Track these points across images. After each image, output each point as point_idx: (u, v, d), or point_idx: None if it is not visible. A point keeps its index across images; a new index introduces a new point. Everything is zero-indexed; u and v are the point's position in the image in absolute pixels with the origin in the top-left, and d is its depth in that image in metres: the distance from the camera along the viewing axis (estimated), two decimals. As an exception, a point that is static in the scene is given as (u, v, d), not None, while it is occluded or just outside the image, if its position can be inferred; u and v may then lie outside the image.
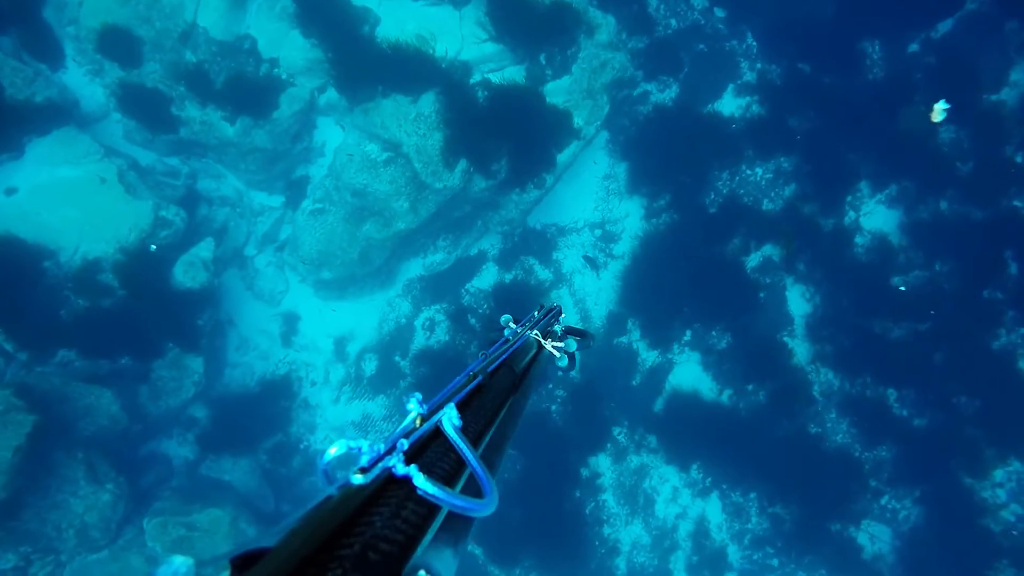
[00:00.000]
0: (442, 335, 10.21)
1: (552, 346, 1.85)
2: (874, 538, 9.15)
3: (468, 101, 8.96)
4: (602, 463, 9.75)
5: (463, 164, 8.89)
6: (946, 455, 8.90)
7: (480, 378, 1.28)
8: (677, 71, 10.48)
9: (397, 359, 10.26)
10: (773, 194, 10.11)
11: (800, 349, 9.78)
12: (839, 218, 9.82)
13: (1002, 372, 8.92)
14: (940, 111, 7.83)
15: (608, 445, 9.67)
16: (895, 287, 9.10)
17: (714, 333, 9.90)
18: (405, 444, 0.88)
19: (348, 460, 0.84)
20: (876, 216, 9.80)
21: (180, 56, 8.87)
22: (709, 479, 9.91)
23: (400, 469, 0.82)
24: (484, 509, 0.85)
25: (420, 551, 0.78)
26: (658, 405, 9.81)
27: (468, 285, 10.50)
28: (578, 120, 9.16)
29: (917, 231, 9.47)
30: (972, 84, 9.28)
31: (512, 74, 9.30)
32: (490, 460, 1.13)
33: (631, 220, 10.48)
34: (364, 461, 0.82)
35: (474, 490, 0.91)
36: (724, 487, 9.93)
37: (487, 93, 9.02)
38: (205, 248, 9.15)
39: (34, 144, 8.31)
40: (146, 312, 8.77)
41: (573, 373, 9.96)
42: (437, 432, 1.00)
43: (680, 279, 9.87)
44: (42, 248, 8.26)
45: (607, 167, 10.63)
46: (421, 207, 9.17)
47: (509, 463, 9.60)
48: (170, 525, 8.08)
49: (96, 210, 8.48)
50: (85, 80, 8.97)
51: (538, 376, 1.69)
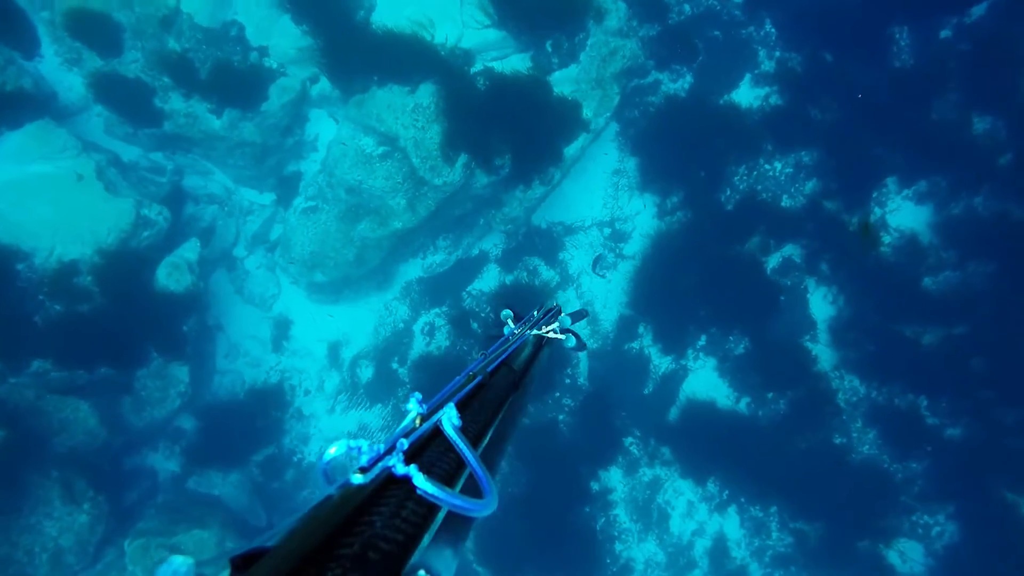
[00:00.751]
0: (442, 340, 9.64)
1: (550, 332, 1.91)
2: (905, 556, 8.56)
3: (469, 91, 8.39)
4: (613, 476, 9.17)
5: (464, 159, 8.32)
6: (984, 468, 8.30)
7: (480, 378, 1.27)
8: (691, 60, 9.88)
9: (395, 366, 9.70)
10: (793, 190, 9.52)
11: (823, 354, 9.19)
12: (865, 215, 9.22)
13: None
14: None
15: (619, 457, 9.09)
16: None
17: (731, 338, 9.32)
18: (405, 444, 0.87)
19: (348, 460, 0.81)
20: (904, 213, 9.19)
21: (163, 44, 8.31)
22: (727, 492, 9.34)
23: (400, 469, 0.81)
24: (484, 509, 0.84)
25: (420, 551, 0.76)
26: (672, 414, 9.23)
27: (470, 287, 9.94)
28: (586, 111, 8.58)
29: (949, 229, 8.86)
30: (1010, 72, 8.67)
31: (516, 63, 8.71)
32: (490, 460, 1.11)
33: (642, 218, 9.89)
34: (364, 461, 0.81)
35: (474, 490, 0.90)
36: (742, 500, 9.37)
37: (489, 83, 8.44)
38: (190, 249, 8.60)
39: (5, 138, 7.75)
40: (127, 318, 8.22)
41: (583, 354, 9.42)
42: (437, 432, 0.99)
43: (695, 280, 9.29)
44: (14, 250, 7.70)
45: (616, 161, 10.04)
46: (419, 205, 8.60)
47: (514, 476, 9.05)
48: (152, 548, 7.53)
49: (73, 209, 7.92)
50: (62, 70, 8.41)
51: (538, 375, 1.68)
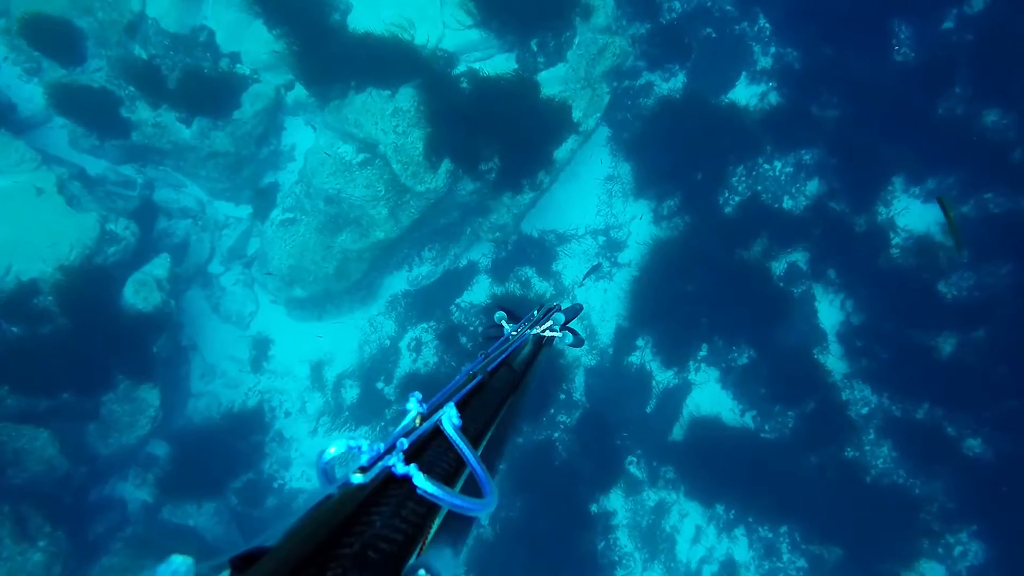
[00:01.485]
0: (430, 356, 9.14)
1: (547, 331, 1.92)
2: (928, 580, 7.98)
3: (452, 94, 7.97)
4: (615, 500, 8.60)
5: (447, 164, 7.88)
6: (1009, 482, 7.75)
7: (480, 377, 1.27)
8: (683, 59, 9.50)
9: (380, 385, 9.17)
10: (794, 190, 9.08)
11: (833, 364, 8.68)
12: (871, 216, 8.77)
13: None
14: None
15: (621, 480, 8.53)
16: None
17: (735, 349, 8.81)
18: (405, 443, 0.87)
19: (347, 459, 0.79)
20: (912, 213, 8.74)
21: (128, 51, 7.91)
22: (733, 511, 8.77)
23: (400, 468, 0.81)
24: (484, 508, 0.84)
25: (420, 550, 0.76)
26: (676, 432, 8.69)
27: (459, 300, 9.45)
28: (576, 112, 8.16)
29: (962, 230, 8.39)
30: (1017, 62, 8.27)
31: (501, 63, 8.31)
32: (490, 459, 1.11)
33: (638, 224, 9.44)
34: (364, 460, 0.81)
35: (474, 489, 0.90)
36: (750, 520, 8.80)
37: (473, 84, 8.03)
38: (159, 265, 8.12)
39: (-42, 152, 7.33)
40: (92, 339, 7.72)
41: (583, 349, 8.88)
42: (437, 431, 0.98)
43: (695, 289, 8.80)
44: (-32, 269, 7.24)
45: (610, 167, 9.61)
46: (402, 213, 8.15)
47: (510, 499, 8.49)
48: (115, 586, 6.96)
49: (32, 225, 7.46)
50: (21, 81, 8.00)
51: (538, 377, 1.66)
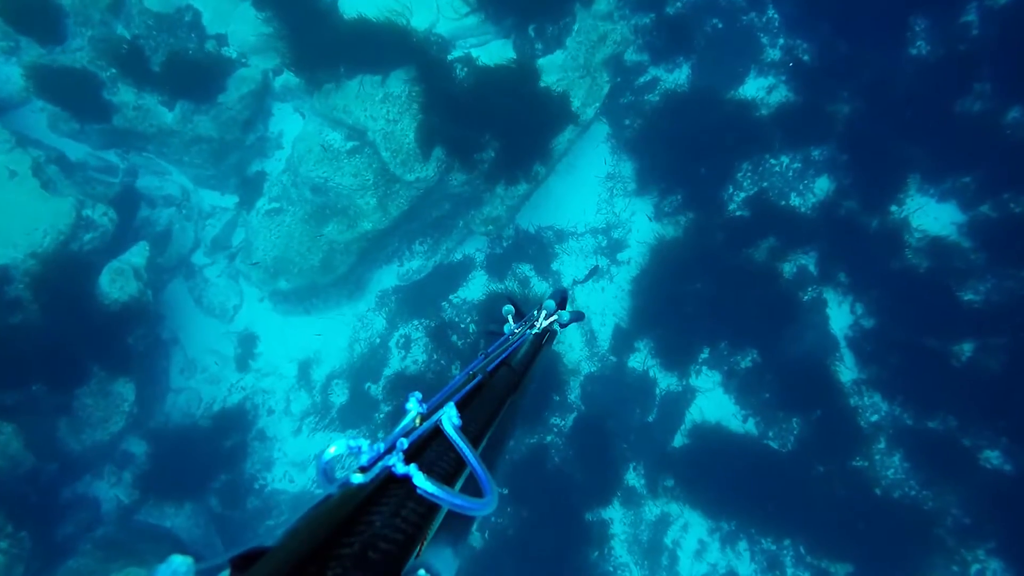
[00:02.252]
0: (419, 355, 8.76)
1: (544, 324, 2.04)
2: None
3: (445, 80, 7.63)
4: (613, 513, 8.17)
5: (439, 152, 7.53)
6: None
7: (480, 377, 1.28)
8: (688, 51, 9.14)
9: (369, 386, 8.80)
10: (802, 187, 8.68)
11: (841, 369, 8.25)
12: (884, 215, 8.35)
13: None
14: None
15: (619, 492, 8.11)
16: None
17: (739, 352, 8.39)
18: (405, 443, 0.87)
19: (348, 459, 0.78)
20: (927, 212, 8.32)
21: (111, 31, 7.62)
22: (734, 522, 8.34)
23: (400, 468, 0.81)
24: (484, 508, 0.84)
25: (420, 550, 0.75)
26: (677, 440, 8.27)
27: (452, 296, 9.08)
28: (574, 101, 7.80)
29: (979, 229, 7.98)
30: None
31: (497, 49, 7.97)
32: (490, 459, 1.11)
33: (640, 222, 9.05)
34: (364, 460, 0.80)
35: (474, 489, 0.89)
36: (752, 532, 8.36)
37: (467, 70, 7.69)
38: (138, 253, 7.80)
39: (-71, 131, 7.04)
40: (65, 329, 7.40)
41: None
42: (437, 431, 0.98)
43: (699, 290, 8.40)
44: (-64, 254, 6.94)
45: (611, 166, 9.23)
46: (391, 204, 7.80)
47: (502, 516, 8.09)
48: (78, 590, 6.60)
49: (3, 209, 7.16)
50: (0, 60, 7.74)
51: (538, 377, 1.65)
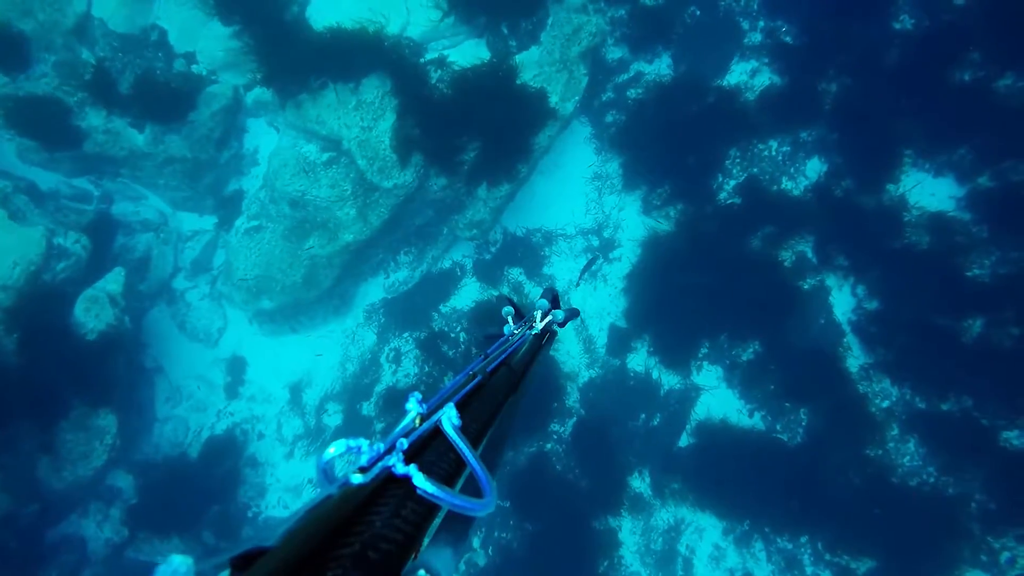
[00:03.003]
0: (410, 367, 8.48)
1: (542, 324, 2.00)
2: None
3: (419, 83, 7.45)
4: (621, 521, 7.83)
5: (417, 158, 7.32)
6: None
7: (480, 377, 1.26)
8: (667, 41, 8.97)
9: (362, 405, 8.50)
10: (793, 170, 8.45)
11: (847, 355, 7.96)
12: (879, 194, 8.11)
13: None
14: None
15: (626, 500, 7.78)
16: None
17: (740, 345, 8.11)
18: (404, 443, 0.86)
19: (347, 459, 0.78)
20: (924, 187, 8.08)
21: (75, 55, 7.46)
22: (747, 522, 7.99)
23: (400, 468, 0.81)
24: (483, 509, 0.84)
25: (420, 550, 0.76)
26: (683, 440, 7.96)
27: (441, 306, 8.82)
28: (552, 97, 7.61)
29: (980, 202, 7.73)
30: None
31: (470, 49, 7.80)
32: (490, 459, 1.11)
33: (629, 217, 8.82)
34: (364, 460, 0.80)
35: (474, 490, 0.90)
36: (767, 530, 8.00)
37: (441, 72, 7.51)
38: (113, 280, 7.57)
39: None
40: (40, 362, 7.15)
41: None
42: (437, 432, 0.98)
43: (695, 284, 8.14)
44: (-99, 292, 6.71)
45: (597, 165, 9.02)
46: (371, 214, 7.58)
47: (504, 529, 7.76)
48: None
49: (-29, 242, 6.95)
50: (-38, 91, 7.57)
51: (537, 378, 1.64)
